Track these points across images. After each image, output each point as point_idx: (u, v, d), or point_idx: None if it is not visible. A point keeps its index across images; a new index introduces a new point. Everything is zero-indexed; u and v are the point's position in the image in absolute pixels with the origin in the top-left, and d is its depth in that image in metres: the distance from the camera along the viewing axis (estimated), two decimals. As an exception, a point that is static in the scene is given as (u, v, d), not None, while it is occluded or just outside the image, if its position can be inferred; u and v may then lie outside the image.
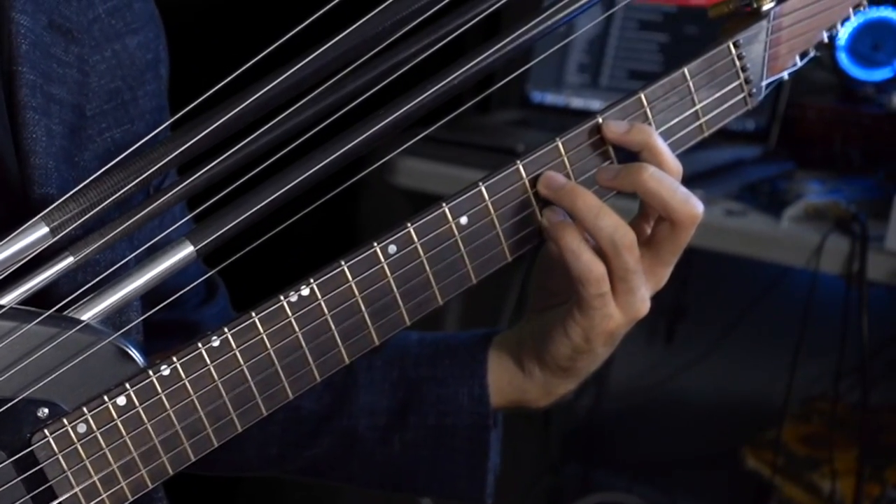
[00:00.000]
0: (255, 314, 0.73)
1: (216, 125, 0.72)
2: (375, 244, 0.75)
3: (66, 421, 0.71)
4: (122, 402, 0.72)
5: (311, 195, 0.75)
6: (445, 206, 0.76)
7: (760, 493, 1.97)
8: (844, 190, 1.82)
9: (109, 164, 0.72)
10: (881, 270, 1.64)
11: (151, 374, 0.72)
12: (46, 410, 0.71)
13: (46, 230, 0.71)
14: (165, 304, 0.77)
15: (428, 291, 0.77)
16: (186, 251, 0.73)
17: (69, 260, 0.72)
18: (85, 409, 0.72)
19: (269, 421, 0.77)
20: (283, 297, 0.74)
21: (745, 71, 0.82)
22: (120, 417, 0.72)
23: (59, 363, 0.71)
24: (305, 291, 0.74)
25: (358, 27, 0.74)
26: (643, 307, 0.80)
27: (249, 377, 0.74)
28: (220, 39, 1.80)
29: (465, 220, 0.76)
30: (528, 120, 2.15)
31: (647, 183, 0.76)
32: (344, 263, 0.74)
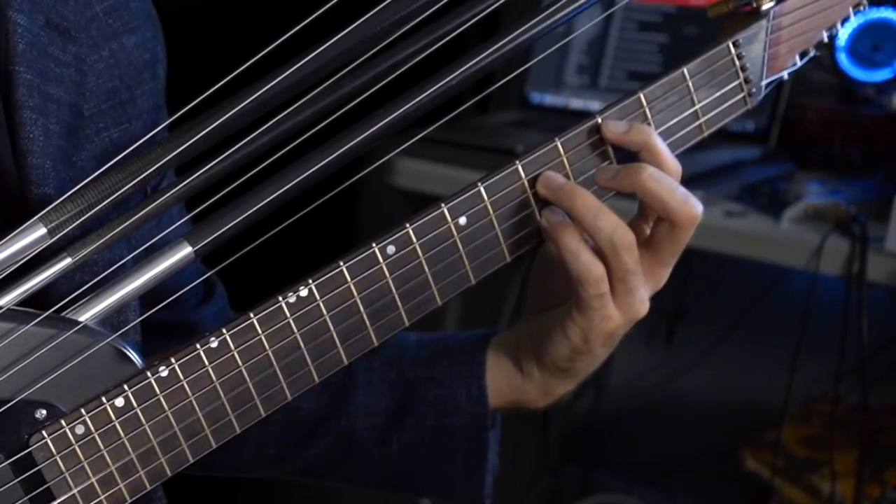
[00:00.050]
0: (253, 315, 0.73)
1: (214, 125, 0.72)
2: (374, 245, 0.75)
3: (64, 422, 0.71)
4: (120, 403, 0.72)
5: (309, 196, 0.75)
6: (444, 206, 0.76)
7: (760, 494, 1.97)
8: (844, 191, 1.81)
9: (107, 164, 0.72)
10: (881, 271, 1.64)
11: (149, 375, 0.72)
12: (44, 412, 0.71)
13: (44, 231, 0.71)
14: (164, 304, 0.77)
15: (427, 292, 0.77)
16: (184, 252, 0.73)
17: (67, 261, 0.72)
18: (83, 410, 0.71)
19: (267, 422, 0.77)
20: (281, 297, 0.73)
21: (744, 70, 0.82)
22: (118, 419, 0.72)
23: (57, 364, 0.71)
24: (304, 292, 0.74)
25: (356, 27, 0.74)
26: (642, 308, 0.79)
27: (248, 378, 0.74)
28: (218, 39, 1.80)
29: (463, 220, 0.76)
30: (527, 121, 2.14)
31: (646, 183, 0.76)
32: (343, 264, 0.74)
